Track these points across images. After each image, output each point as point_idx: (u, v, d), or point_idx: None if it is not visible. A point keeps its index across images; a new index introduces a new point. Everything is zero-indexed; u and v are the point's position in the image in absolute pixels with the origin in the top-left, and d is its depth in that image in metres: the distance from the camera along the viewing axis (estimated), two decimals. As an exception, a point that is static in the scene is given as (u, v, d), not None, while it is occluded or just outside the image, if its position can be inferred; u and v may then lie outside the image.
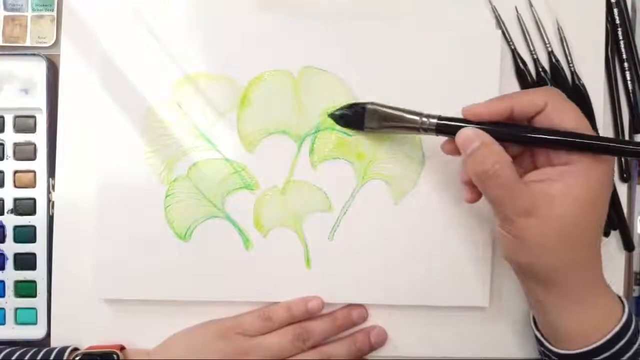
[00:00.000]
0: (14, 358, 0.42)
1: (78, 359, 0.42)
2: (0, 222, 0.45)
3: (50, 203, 0.45)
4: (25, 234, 0.45)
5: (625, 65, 0.47)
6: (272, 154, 0.45)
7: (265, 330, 0.44)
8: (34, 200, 0.45)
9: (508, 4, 0.46)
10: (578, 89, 0.46)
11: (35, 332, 0.45)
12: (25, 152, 0.45)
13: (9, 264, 0.45)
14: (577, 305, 0.38)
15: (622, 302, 0.39)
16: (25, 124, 0.45)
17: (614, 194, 0.46)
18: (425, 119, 0.40)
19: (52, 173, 0.45)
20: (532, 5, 0.47)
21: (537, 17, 0.47)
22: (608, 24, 0.47)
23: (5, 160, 0.45)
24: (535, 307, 0.40)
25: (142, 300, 0.45)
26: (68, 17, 0.45)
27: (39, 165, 0.45)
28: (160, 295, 0.44)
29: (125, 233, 0.44)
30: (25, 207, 0.45)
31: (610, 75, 0.47)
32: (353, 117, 0.44)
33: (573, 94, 0.46)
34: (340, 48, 0.45)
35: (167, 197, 0.44)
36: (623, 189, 0.47)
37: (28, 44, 0.46)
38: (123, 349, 0.44)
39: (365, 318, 0.46)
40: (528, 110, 0.37)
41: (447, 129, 0.39)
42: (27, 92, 0.45)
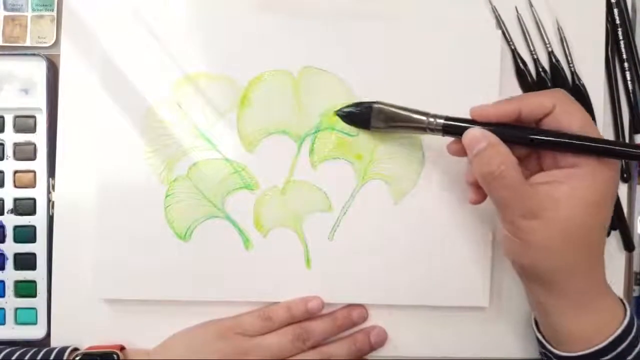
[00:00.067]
0: (14, 358, 0.42)
1: (78, 359, 0.42)
2: (0, 222, 0.45)
3: (50, 203, 0.45)
4: (25, 234, 0.45)
5: (626, 65, 0.47)
6: (272, 154, 0.45)
7: (265, 331, 0.44)
8: (34, 200, 0.45)
9: (508, 4, 0.46)
10: (578, 89, 0.46)
11: (35, 332, 0.45)
12: (25, 152, 0.45)
13: (9, 264, 0.45)
14: (579, 308, 0.38)
15: (624, 305, 0.39)
16: (25, 124, 0.45)
17: (615, 194, 0.46)
18: (432, 119, 0.40)
19: (52, 173, 0.45)
20: (532, 5, 0.47)
21: (537, 17, 0.47)
22: (608, 24, 0.47)
23: (5, 160, 0.45)
24: (537, 308, 0.40)
25: (142, 300, 0.45)
26: (68, 17, 0.45)
27: (39, 165, 0.45)
28: (160, 295, 0.44)
29: (125, 233, 0.44)
30: (25, 207, 0.45)
31: (610, 75, 0.47)
32: (360, 115, 0.44)
33: (573, 94, 0.45)
34: (340, 48, 0.45)
35: (167, 197, 0.44)
36: (623, 189, 0.47)
37: (28, 44, 0.46)
38: (123, 349, 0.44)
39: (365, 318, 0.46)
40: (536, 113, 0.37)
41: (453, 130, 0.39)
42: (27, 92, 0.45)
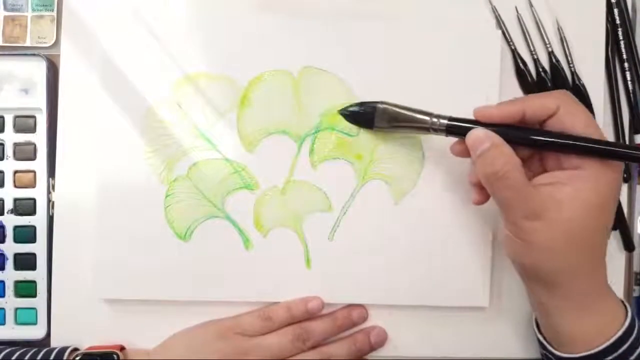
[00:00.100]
0: (14, 358, 0.42)
1: (78, 359, 0.42)
2: (0, 222, 0.45)
3: (50, 203, 0.45)
4: (25, 234, 0.45)
5: (626, 65, 0.47)
6: (272, 154, 0.45)
7: (265, 331, 0.43)
8: (34, 200, 0.45)
9: (508, 4, 0.46)
10: (578, 89, 0.46)
11: (35, 332, 0.45)
12: (25, 152, 0.45)
13: (9, 264, 0.45)
14: (580, 309, 0.38)
15: (625, 306, 0.39)
16: (25, 124, 0.45)
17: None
18: (436, 120, 0.40)
19: (52, 173, 0.45)
20: (532, 5, 0.47)
21: (537, 17, 0.46)
22: (608, 24, 0.47)
23: (5, 160, 0.45)
24: (538, 309, 0.40)
25: (142, 300, 0.45)
26: (68, 17, 0.45)
27: (39, 165, 0.45)
28: (160, 295, 0.44)
29: (125, 233, 0.44)
30: (25, 207, 0.45)
31: (611, 75, 0.47)
32: (363, 115, 0.44)
33: (573, 94, 0.45)
34: (340, 48, 0.45)
35: (167, 197, 0.44)
36: (623, 189, 0.47)
37: (28, 44, 0.46)
38: (123, 349, 0.44)
39: (365, 318, 0.46)
40: (540, 114, 0.37)
41: (457, 130, 0.39)
42: (27, 92, 0.45)
